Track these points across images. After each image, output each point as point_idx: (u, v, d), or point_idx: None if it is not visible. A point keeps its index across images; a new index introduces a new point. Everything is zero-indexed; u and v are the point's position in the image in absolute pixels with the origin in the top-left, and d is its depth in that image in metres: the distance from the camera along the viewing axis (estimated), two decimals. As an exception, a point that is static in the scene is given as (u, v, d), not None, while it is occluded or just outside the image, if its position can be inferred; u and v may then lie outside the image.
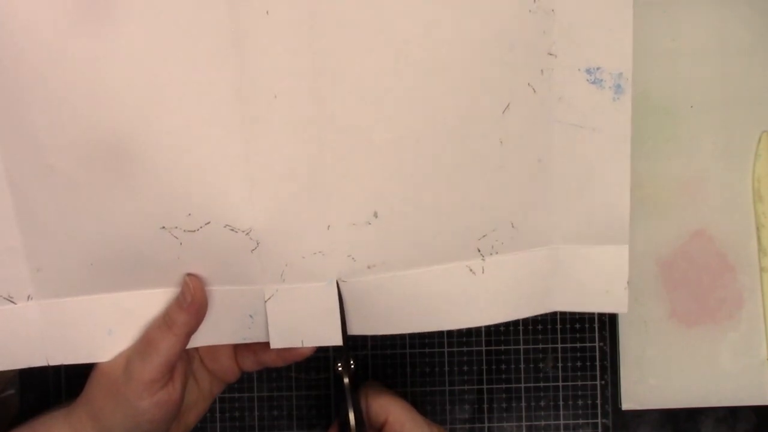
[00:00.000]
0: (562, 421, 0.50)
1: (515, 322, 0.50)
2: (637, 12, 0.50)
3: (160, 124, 0.39)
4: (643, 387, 0.49)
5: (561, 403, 0.50)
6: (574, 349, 0.50)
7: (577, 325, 0.50)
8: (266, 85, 0.39)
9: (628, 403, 0.49)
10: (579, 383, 0.50)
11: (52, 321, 0.42)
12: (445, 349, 0.51)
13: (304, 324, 0.42)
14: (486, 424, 0.50)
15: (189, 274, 0.41)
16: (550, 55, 0.39)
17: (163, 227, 0.40)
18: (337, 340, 0.42)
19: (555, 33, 0.39)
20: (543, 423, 0.50)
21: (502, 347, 0.51)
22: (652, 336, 0.50)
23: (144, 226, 0.40)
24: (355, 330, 0.43)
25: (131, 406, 0.40)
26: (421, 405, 0.50)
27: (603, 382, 0.50)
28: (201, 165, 0.39)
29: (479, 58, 0.39)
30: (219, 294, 0.42)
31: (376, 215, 0.40)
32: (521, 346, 0.50)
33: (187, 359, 0.43)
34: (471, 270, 0.41)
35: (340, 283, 0.42)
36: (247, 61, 0.38)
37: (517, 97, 0.39)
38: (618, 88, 0.40)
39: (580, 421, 0.50)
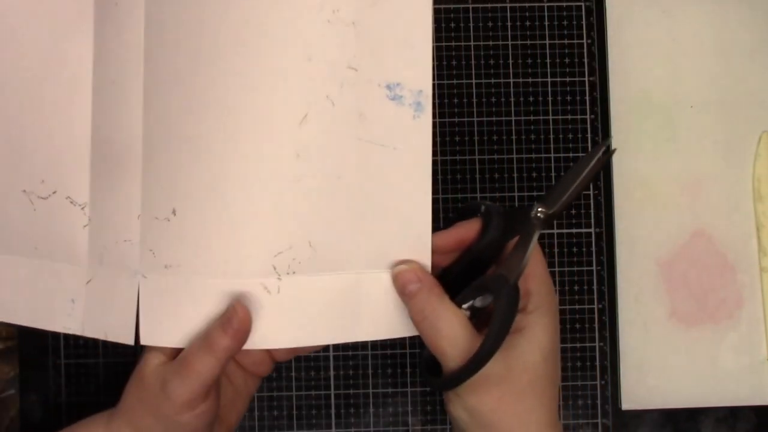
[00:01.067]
0: (562, 421, 0.50)
1: (515, 322, 0.50)
2: (637, 12, 0.51)
3: (12, 84, 0.41)
4: (643, 387, 0.49)
5: (561, 403, 0.50)
6: (574, 349, 0.50)
7: (577, 325, 0.50)
8: (108, 69, 0.41)
9: (628, 403, 0.49)
10: (579, 383, 0.50)
11: None
12: (445, 349, 0.50)
13: (109, 315, 0.42)
14: (486, 424, 0.50)
15: (238, 300, 0.40)
16: (350, 68, 0.39)
17: (24, 190, 0.42)
18: (128, 339, 0.41)
19: (355, 46, 0.39)
20: (543, 423, 0.50)
21: (502, 347, 0.50)
22: (652, 336, 0.50)
23: (9, 185, 0.42)
24: (146, 336, 0.41)
25: (171, 420, 0.40)
26: (421, 405, 0.50)
27: (603, 382, 0.50)
28: (53, 133, 0.41)
29: (275, 67, 0.39)
30: (48, 269, 0.42)
31: (174, 212, 0.40)
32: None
33: None
34: (266, 288, 0.40)
35: (141, 278, 0.41)
36: (97, 43, 0.41)
37: (314, 110, 0.39)
38: (418, 106, 0.39)
39: (580, 421, 0.50)
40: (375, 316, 0.41)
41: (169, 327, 0.41)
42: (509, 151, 0.51)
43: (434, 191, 0.46)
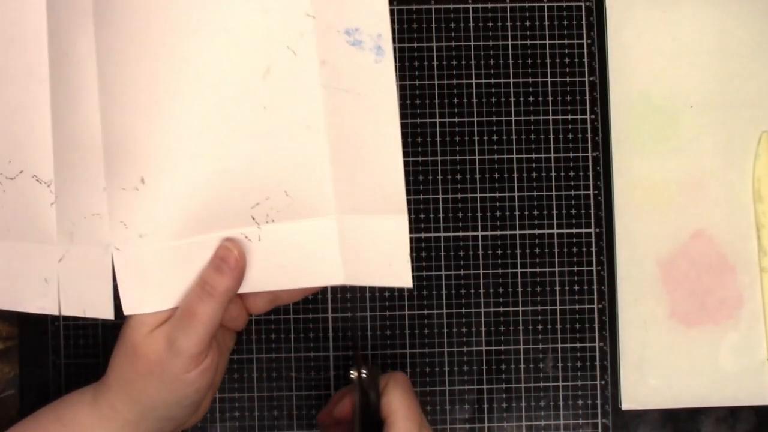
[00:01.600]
0: (562, 421, 0.50)
1: (515, 322, 0.50)
2: (637, 12, 0.51)
3: None
4: (643, 387, 0.49)
5: (561, 403, 0.50)
6: (574, 349, 0.50)
7: (577, 325, 0.50)
8: (61, 41, 0.40)
9: (628, 403, 0.49)
10: (579, 383, 0.50)
11: None
12: (445, 349, 0.51)
13: (85, 292, 0.42)
14: (486, 424, 0.50)
15: (227, 239, 0.41)
16: (308, 16, 0.38)
17: None
18: (107, 314, 0.41)
19: None
20: (543, 423, 0.50)
21: (502, 347, 0.51)
22: (652, 336, 0.50)
23: None
24: (128, 307, 0.41)
25: (178, 380, 0.39)
26: (421, 405, 0.50)
27: (603, 382, 0.50)
28: (15, 110, 0.41)
29: (233, 21, 0.38)
30: (20, 250, 0.42)
31: (142, 181, 0.40)
32: (521, 346, 0.50)
33: None
34: (247, 237, 0.40)
35: (114, 251, 0.41)
36: (51, 19, 0.41)
37: (277, 61, 0.39)
38: (379, 50, 0.38)
39: (580, 421, 0.50)
40: (355, 260, 0.40)
41: (152, 293, 0.41)
42: (509, 151, 0.51)
43: (434, 191, 0.46)
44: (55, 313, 0.42)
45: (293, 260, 0.41)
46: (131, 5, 0.40)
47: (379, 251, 0.40)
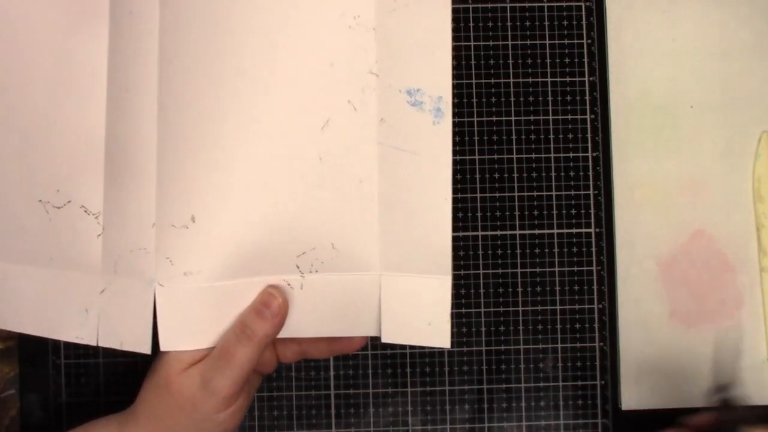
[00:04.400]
0: (562, 421, 0.50)
1: (515, 322, 0.50)
2: (637, 12, 0.51)
3: (26, 91, 0.42)
4: (643, 387, 0.49)
5: (561, 403, 0.50)
6: (574, 349, 0.50)
7: (577, 325, 0.50)
8: (122, 76, 0.41)
9: (628, 403, 0.49)
10: (579, 383, 0.50)
11: None
12: (445, 349, 0.51)
13: (124, 324, 0.42)
14: (486, 424, 0.50)
15: (272, 285, 0.41)
16: (372, 73, 0.39)
17: (40, 200, 0.42)
18: (145, 348, 0.41)
19: (376, 52, 0.39)
20: (543, 423, 0.50)
21: (502, 347, 0.51)
22: (652, 336, 0.50)
23: (25, 195, 0.42)
24: (166, 343, 0.41)
25: (209, 419, 0.40)
26: (421, 405, 0.50)
27: (603, 382, 0.50)
28: (67, 141, 0.41)
29: (298, 72, 0.39)
30: (62, 279, 0.42)
31: (193, 219, 0.40)
32: (521, 346, 0.50)
33: None
34: (289, 285, 0.41)
35: (157, 286, 0.41)
36: (111, 52, 0.41)
37: (337, 114, 0.39)
38: (438, 112, 0.39)
39: (580, 421, 0.50)
40: (394, 317, 0.41)
41: (190, 331, 0.41)
42: (509, 151, 0.51)
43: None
44: (93, 343, 0.42)
45: (332, 311, 0.41)
46: (198, 42, 0.40)
47: (419, 310, 0.41)
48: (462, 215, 0.51)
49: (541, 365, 0.51)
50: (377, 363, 0.50)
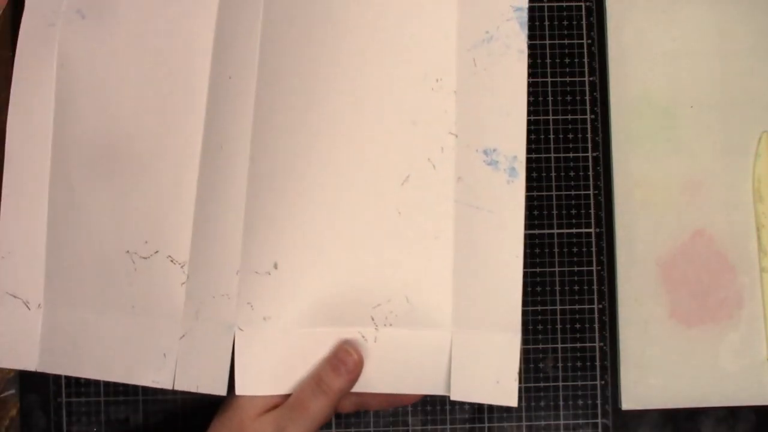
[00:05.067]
0: (562, 421, 0.50)
1: (515, 322, 0.50)
2: (637, 12, 0.51)
3: (133, 148, 0.44)
4: (643, 387, 0.49)
5: (561, 403, 0.50)
6: (574, 349, 0.50)
7: (577, 325, 0.50)
8: (218, 134, 0.43)
9: (628, 403, 0.49)
10: (579, 383, 0.50)
11: (51, 328, 0.44)
12: (445, 349, 0.50)
13: (201, 368, 0.43)
14: (486, 424, 0.50)
15: (347, 341, 0.42)
16: (451, 134, 0.41)
17: (128, 251, 0.44)
18: (221, 390, 0.42)
19: (456, 113, 0.41)
20: (543, 423, 0.50)
21: (502, 347, 0.51)
22: (652, 336, 0.50)
23: (114, 246, 0.44)
24: (242, 387, 0.42)
25: None
26: (421, 405, 0.50)
27: (603, 382, 0.50)
28: (162, 194, 0.43)
29: (382, 129, 0.41)
30: (142, 325, 0.43)
31: (276, 266, 0.42)
32: (521, 346, 0.50)
33: None
34: (363, 336, 0.42)
35: (237, 330, 0.42)
36: (209, 113, 0.43)
37: (417, 171, 0.41)
38: (512, 171, 0.41)
39: (580, 421, 0.50)
40: (463, 374, 0.42)
41: (267, 377, 0.42)
42: (509, 151, 0.51)
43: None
44: (168, 387, 0.43)
45: (403, 366, 0.42)
46: (290, 102, 0.42)
47: (487, 367, 0.41)
48: (462, 215, 0.51)
49: (541, 365, 0.51)
50: (377, 363, 0.50)
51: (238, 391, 0.42)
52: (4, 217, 0.45)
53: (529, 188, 0.51)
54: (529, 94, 0.41)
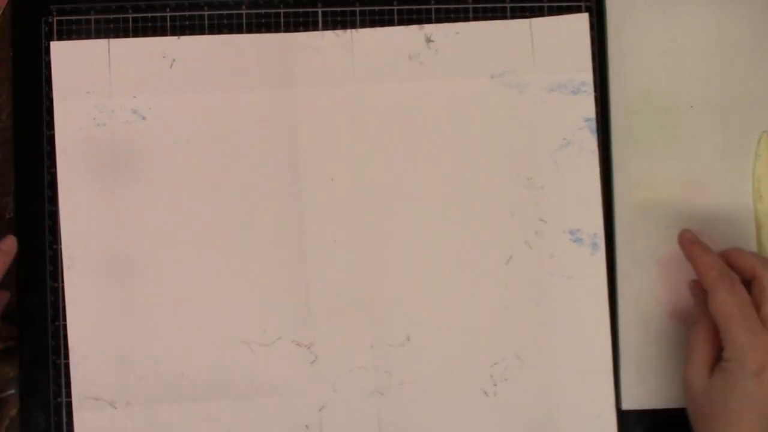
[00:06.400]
0: (562, 421, 0.50)
1: (515, 322, 0.51)
2: (637, 12, 0.51)
3: (246, 253, 0.49)
4: (643, 387, 0.49)
5: (561, 403, 0.50)
6: (574, 349, 0.50)
7: (577, 325, 0.50)
8: (323, 229, 0.49)
9: (628, 403, 0.49)
10: (579, 383, 0.50)
11: (145, 426, 0.48)
12: (445, 349, 0.50)
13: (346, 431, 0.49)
14: (486, 424, 0.50)
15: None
16: (541, 220, 0.50)
17: (244, 341, 0.49)
18: None
19: (544, 203, 0.50)
20: (543, 423, 0.50)
21: (502, 347, 0.50)
22: (652, 336, 0.50)
23: (229, 340, 0.49)
24: None
25: None
26: (421, 405, 0.50)
27: (603, 382, 0.50)
28: (274, 290, 0.49)
29: (487, 219, 0.50)
30: (274, 404, 0.49)
31: (408, 339, 0.49)
32: (521, 346, 0.50)
33: None
34: (485, 392, 0.49)
35: (378, 395, 0.49)
36: (309, 208, 0.50)
37: (517, 252, 0.50)
38: (594, 246, 0.50)
39: (580, 421, 0.50)
40: (566, 414, 0.49)
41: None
42: (509, 151, 0.51)
43: (434, 191, 0.45)
44: None
45: (520, 415, 0.49)
46: (395, 194, 0.50)
47: (588, 407, 0.49)
48: (462, 215, 0.51)
49: (541, 365, 0.50)
50: (377, 363, 0.50)
51: None
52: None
53: (529, 188, 0.51)
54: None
